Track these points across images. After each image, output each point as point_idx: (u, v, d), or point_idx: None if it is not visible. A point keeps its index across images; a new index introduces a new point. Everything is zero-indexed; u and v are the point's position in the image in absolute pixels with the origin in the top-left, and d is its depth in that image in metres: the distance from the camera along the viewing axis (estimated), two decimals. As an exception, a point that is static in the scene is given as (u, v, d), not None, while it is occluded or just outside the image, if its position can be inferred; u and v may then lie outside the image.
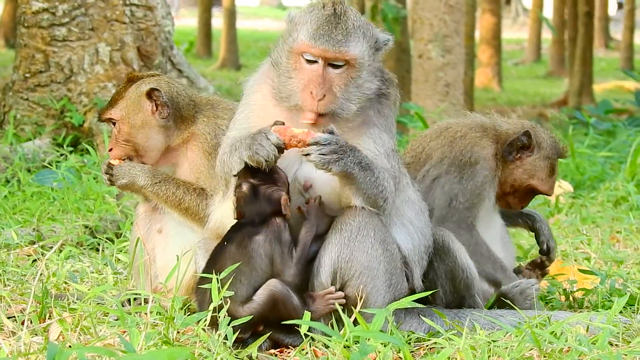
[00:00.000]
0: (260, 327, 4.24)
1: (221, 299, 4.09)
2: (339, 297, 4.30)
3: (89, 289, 4.72)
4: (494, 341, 4.18)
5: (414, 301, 4.24)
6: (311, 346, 4.15)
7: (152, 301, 4.45)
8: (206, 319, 4.12)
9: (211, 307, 4.10)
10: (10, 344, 4.11)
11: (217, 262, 4.28)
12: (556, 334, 4.16)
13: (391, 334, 4.14)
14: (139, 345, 3.90)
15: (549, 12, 36.52)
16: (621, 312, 4.74)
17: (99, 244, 6.38)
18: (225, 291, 4.09)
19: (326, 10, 4.34)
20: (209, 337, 4.07)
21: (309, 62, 4.31)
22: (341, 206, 4.37)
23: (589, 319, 4.40)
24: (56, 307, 4.67)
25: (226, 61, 27.97)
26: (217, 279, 4.11)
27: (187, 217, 4.93)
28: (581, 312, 4.86)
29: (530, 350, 4.10)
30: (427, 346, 4.36)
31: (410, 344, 4.36)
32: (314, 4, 4.41)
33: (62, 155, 8.77)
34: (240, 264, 4.19)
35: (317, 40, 4.28)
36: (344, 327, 4.07)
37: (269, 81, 4.46)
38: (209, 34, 30.72)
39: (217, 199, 4.63)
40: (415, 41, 12.69)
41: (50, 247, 6.12)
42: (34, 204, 7.16)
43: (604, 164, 9.98)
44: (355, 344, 4.02)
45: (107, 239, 6.47)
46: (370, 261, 4.32)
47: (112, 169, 4.99)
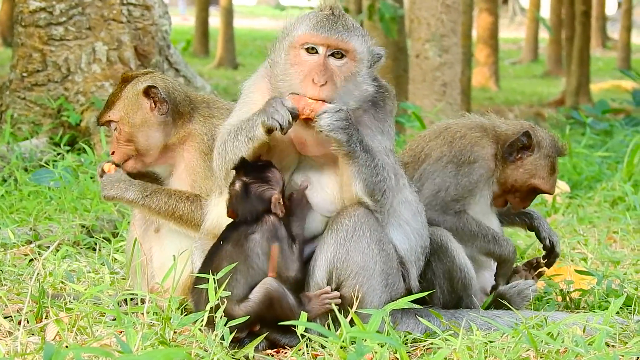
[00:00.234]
0: (256, 327, 4.24)
1: (218, 299, 4.09)
2: (334, 297, 4.30)
3: (86, 289, 4.72)
4: (491, 342, 4.18)
5: (411, 302, 4.24)
6: (308, 347, 4.15)
7: (149, 301, 4.45)
8: (203, 319, 4.12)
9: (208, 307, 4.10)
10: (6, 344, 4.11)
11: (213, 262, 4.27)
12: (553, 334, 4.16)
13: (388, 335, 4.14)
14: (135, 345, 3.89)
15: (546, 12, 36.56)
16: (618, 312, 4.75)
17: (96, 244, 6.37)
18: (222, 291, 4.09)
19: (324, 11, 4.38)
20: (205, 337, 4.07)
21: (309, 53, 4.32)
22: (336, 205, 4.37)
23: (586, 319, 4.40)
24: (53, 307, 4.67)
25: (223, 60, 28.00)
26: (213, 278, 4.11)
27: (182, 225, 4.90)
28: (578, 312, 4.86)
29: (526, 351, 4.10)
30: (424, 347, 4.36)
31: (406, 344, 4.36)
32: (311, 10, 4.45)
33: (59, 154, 8.75)
34: (237, 263, 4.19)
35: (319, 29, 4.31)
36: (341, 327, 4.07)
37: (268, 80, 4.47)
38: (206, 32, 30.73)
39: (213, 199, 4.62)
40: (412, 41, 12.67)
41: (47, 247, 6.12)
42: (31, 203, 7.15)
43: (601, 164, 9.97)
44: (351, 344, 4.02)
45: (104, 238, 6.47)
46: (366, 261, 4.32)
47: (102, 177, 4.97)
